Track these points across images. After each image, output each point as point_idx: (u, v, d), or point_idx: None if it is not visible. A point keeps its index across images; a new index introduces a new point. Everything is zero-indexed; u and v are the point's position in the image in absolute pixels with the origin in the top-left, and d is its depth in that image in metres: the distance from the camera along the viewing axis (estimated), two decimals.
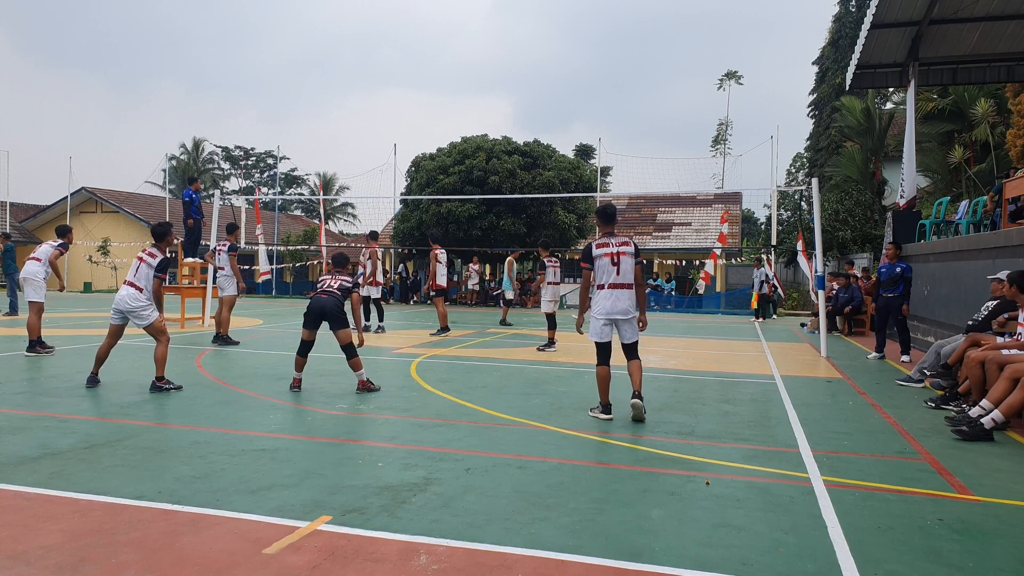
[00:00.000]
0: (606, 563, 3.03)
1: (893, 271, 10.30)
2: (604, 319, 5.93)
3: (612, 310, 5.89)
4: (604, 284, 5.94)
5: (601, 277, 5.97)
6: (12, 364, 8.57)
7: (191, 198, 14.61)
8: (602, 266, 5.96)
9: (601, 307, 5.94)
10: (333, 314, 6.94)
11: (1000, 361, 5.98)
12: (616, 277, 5.91)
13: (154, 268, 7.13)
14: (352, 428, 5.56)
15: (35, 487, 3.91)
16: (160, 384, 6.95)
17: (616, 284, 5.91)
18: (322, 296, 7.03)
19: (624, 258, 5.94)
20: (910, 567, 3.08)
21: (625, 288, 5.93)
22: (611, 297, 5.90)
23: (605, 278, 5.94)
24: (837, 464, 4.74)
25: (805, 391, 7.80)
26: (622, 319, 5.92)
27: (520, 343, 12.37)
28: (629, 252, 5.98)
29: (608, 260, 5.94)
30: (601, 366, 5.98)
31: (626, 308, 5.91)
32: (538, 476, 4.31)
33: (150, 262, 7.16)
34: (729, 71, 56.36)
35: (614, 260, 5.93)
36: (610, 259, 5.94)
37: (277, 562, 2.98)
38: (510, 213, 24.93)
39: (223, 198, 31.82)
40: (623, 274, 5.92)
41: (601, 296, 5.96)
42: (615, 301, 5.89)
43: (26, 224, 36.54)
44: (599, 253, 5.99)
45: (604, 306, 5.91)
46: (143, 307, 7.05)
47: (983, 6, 13.64)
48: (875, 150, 27.49)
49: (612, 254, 5.95)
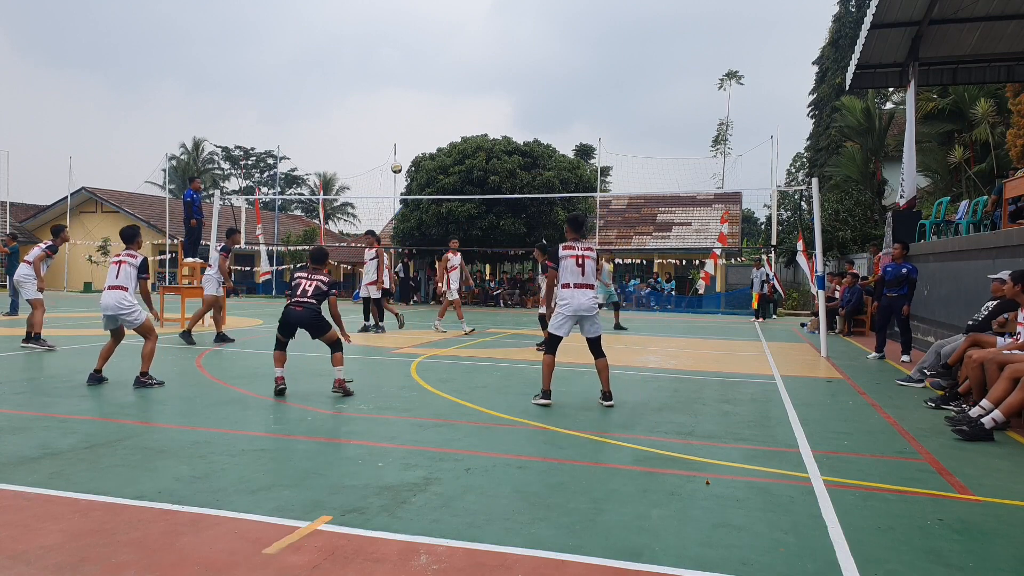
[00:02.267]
0: (606, 563, 3.03)
1: (899, 271, 10.29)
2: (571, 314, 6.47)
3: (579, 307, 6.44)
4: (570, 283, 6.52)
5: (566, 277, 6.53)
6: (12, 364, 8.58)
7: (192, 198, 14.61)
8: (567, 267, 6.54)
9: (568, 304, 6.47)
10: (311, 325, 6.73)
11: (1000, 361, 5.97)
12: (581, 277, 6.51)
13: (137, 268, 7.29)
14: (352, 428, 5.56)
15: (35, 487, 3.91)
16: (143, 380, 7.09)
17: (580, 284, 6.50)
18: (296, 309, 6.69)
19: (588, 261, 6.55)
20: (910, 567, 3.08)
21: (588, 288, 6.52)
22: (579, 295, 6.48)
23: (571, 278, 6.51)
24: (837, 464, 4.74)
25: (805, 391, 7.80)
26: (587, 315, 6.47)
27: (520, 343, 12.36)
28: (592, 256, 6.64)
29: (573, 261, 6.53)
30: (548, 355, 6.62)
31: (591, 305, 6.51)
32: (538, 476, 4.31)
33: (132, 263, 7.29)
34: (729, 71, 56.34)
35: (579, 262, 6.52)
36: (575, 260, 6.53)
37: (277, 562, 2.98)
38: (510, 213, 24.94)
39: (223, 198, 31.83)
40: (587, 275, 6.52)
41: (567, 294, 6.51)
42: (581, 298, 6.47)
43: (26, 224, 36.53)
44: (565, 254, 6.58)
45: (571, 303, 6.46)
46: (131, 307, 7.18)
47: (983, 6, 13.64)
48: (875, 150, 27.50)
49: (577, 256, 6.55)
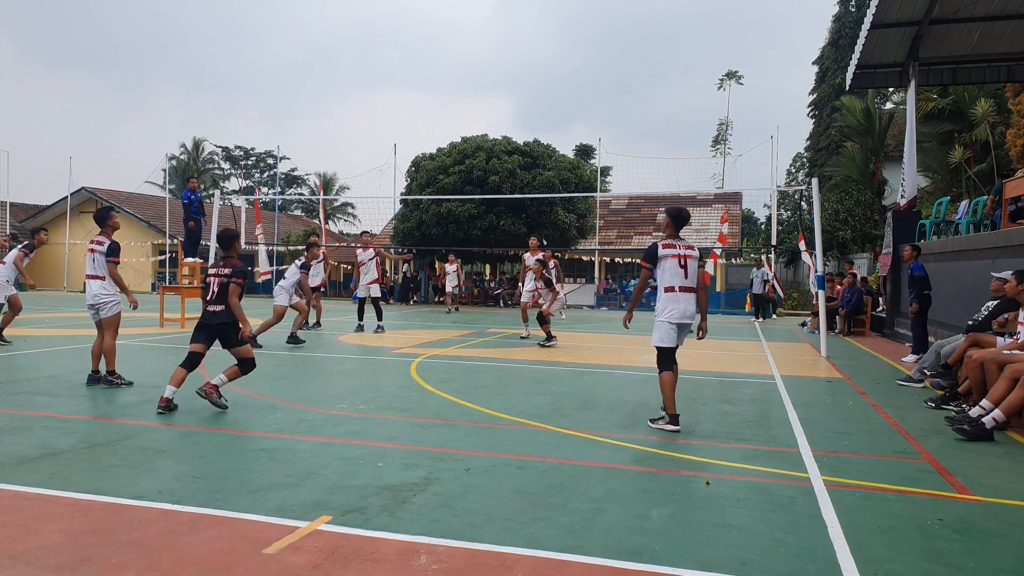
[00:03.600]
0: (606, 563, 3.03)
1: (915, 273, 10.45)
2: (677, 322, 5.68)
3: (684, 314, 5.66)
4: (674, 287, 5.69)
5: (669, 279, 5.72)
6: (12, 364, 8.58)
7: (190, 199, 14.62)
8: (669, 268, 5.71)
9: (672, 311, 5.66)
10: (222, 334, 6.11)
11: (1000, 361, 5.97)
12: (685, 280, 5.71)
13: (105, 254, 7.13)
14: (352, 428, 5.56)
15: (35, 487, 3.91)
16: (111, 379, 7.10)
17: (684, 287, 5.71)
18: (209, 315, 6.10)
19: (690, 261, 5.74)
20: (910, 567, 3.08)
21: (692, 292, 5.74)
22: (681, 300, 5.68)
23: (675, 280, 5.71)
24: (837, 464, 4.74)
25: (805, 391, 7.80)
26: (689, 323, 5.72)
27: (520, 343, 12.36)
28: (695, 256, 5.80)
29: (676, 262, 5.71)
30: (666, 372, 5.70)
31: (693, 312, 5.73)
32: (538, 476, 4.31)
33: (100, 250, 7.15)
34: (729, 71, 56.37)
35: (682, 262, 5.71)
36: (678, 261, 5.71)
37: (277, 562, 2.98)
38: (510, 213, 24.92)
39: (223, 198, 31.82)
40: (691, 277, 5.73)
41: (669, 299, 5.70)
42: (686, 305, 5.68)
43: (26, 224, 36.54)
44: (666, 254, 5.73)
45: (676, 309, 5.66)
46: (109, 296, 7.11)
47: (983, 6, 13.64)
48: (875, 150, 27.49)
49: (680, 256, 5.72)
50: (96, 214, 7.38)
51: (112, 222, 7.31)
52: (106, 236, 7.23)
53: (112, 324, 7.16)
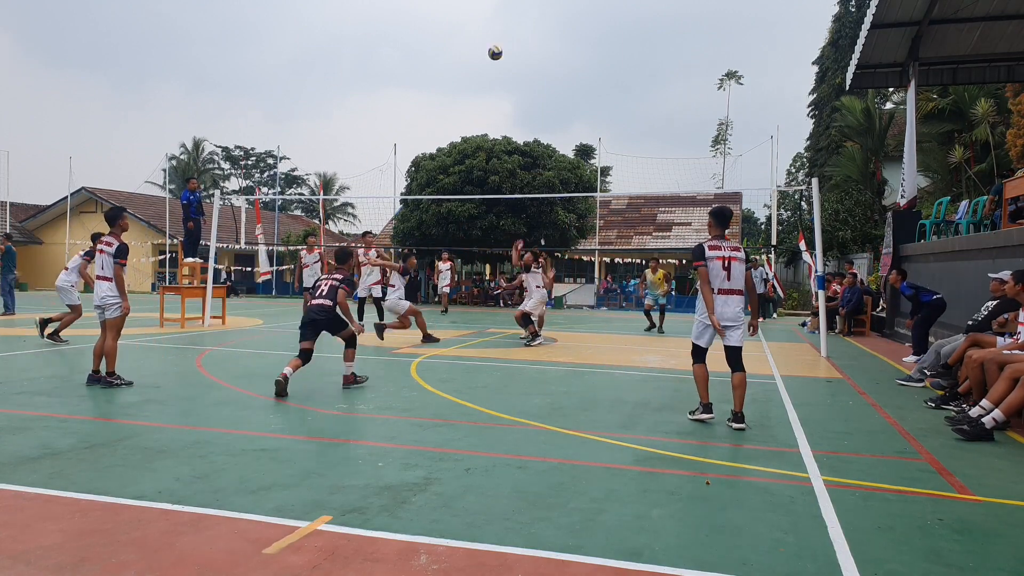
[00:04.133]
0: (606, 563, 3.03)
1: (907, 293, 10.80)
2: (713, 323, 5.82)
3: (722, 315, 5.78)
4: (714, 289, 5.82)
5: (711, 281, 5.83)
6: (12, 364, 8.57)
7: (189, 200, 14.61)
8: (713, 269, 5.83)
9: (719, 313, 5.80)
10: (328, 326, 7.18)
11: (1000, 361, 5.97)
12: (728, 282, 5.82)
13: (113, 256, 7.17)
14: (352, 428, 5.55)
15: (35, 487, 3.91)
16: (110, 380, 7.08)
17: (726, 290, 5.82)
18: (313, 310, 7.17)
19: (735, 263, 5.84)
20: (910, 567, 3.08)
21: (736, 294, 5.84)
22: (721, 302, 5.80)
23: (716, 283, 5.82)
24: (837, 464, 4.74)
25: (805, 391, 7.80)
26: (731, 325, 5.81)
27: (520, 343, 12.35)
28: (740, 258, 5.90)
29: (719, 264, 5.83)
30: (698, 364, 5.97)
31: (736, 314, 5.83)
32: (538, 476, 4.31)
33: (108, 251, 7.20)
34: (729, 71, 56.28)
35: (725, 264, 5.82)
36: (721, 263, 5.83)
37: (277, 562, 2.98)
38: (510, 213, 24.92)
39: (223, 198, 31.81)
40: (734, 279, 5.84)
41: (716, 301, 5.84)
42: (723, 306, 5.80)
43: (26, 224, 36.55)
44: (711, 255, 5.86)
45: (716, 312, 5.78)
46: (113, 298, 7.15)
47: (983, 6, 13.64)
48: (875, 150, 27.50)
49: (724, 258, 5.84)
50: (107, 213, 7.49)
51: (122, 222, 7.41)
52: (115, 237, 7.29)
53: (115, 325, 7.17)
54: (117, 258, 7.14)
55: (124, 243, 7.28)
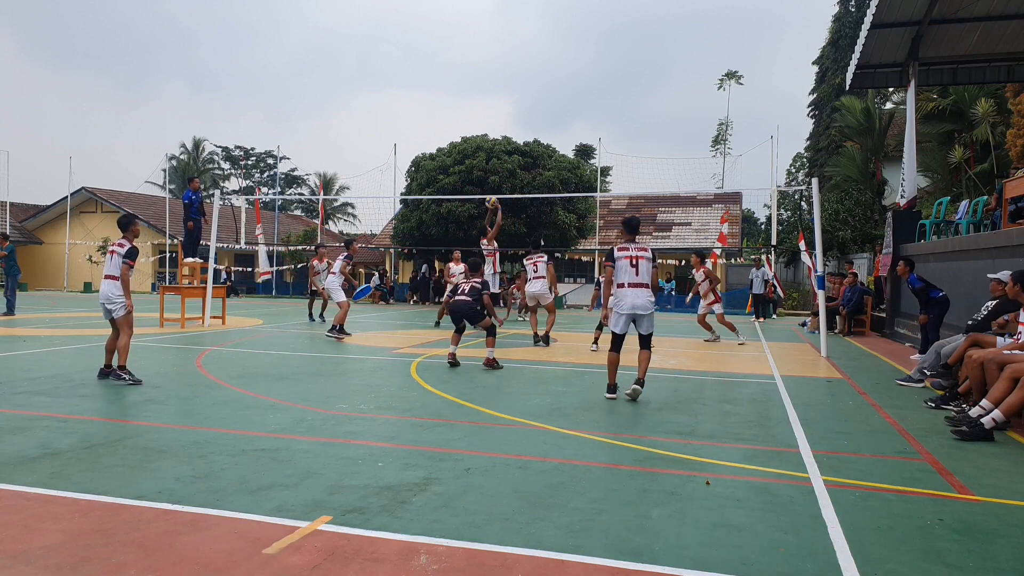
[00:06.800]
0: (606, 563, 3.03)
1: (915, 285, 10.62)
2: (627, 312, 6.83)
3: (635, 305, 6.79)
4: (624, 283, 6.85)
5: (621, 277, 6.85)
6: (12, 364, 8.57)
7: (190, 200, 14.61)
8: (621, 267, 6.86)
9: (624, 303, 6.82)
10: (469, 315, 9.01)
11: (1000, 361, 5.97)
12: (635, 278, 6.84)
13: (123, 256, 7.41)
14: (352, 428, 5.56)
15: (35, 487, 3.91)
16: (121, 374, 7.20)
17: (635, 283, 6.84)
18: (458, 302, 9.03)
19: (642, 262, 6.85)
20: (910, 567, 3.08)
21: (643, 287, 6.86)
22: (631, 295, 6.81)
23: (625, 278, 6.84)
24: (837, 464, 4.74)
25: (805, 391, 7.80)
26: (642, 313, 6.84)
27: (520, 343, 12.36)
28: (647, 257, 6.92)
29: (627, 262, 6.85)
30: (612, 352, 6.98)
31: (645, 304, 6.83)
32: (538, 476, 4.31)
33: (119, 252, 7.46)
34: (729, 71, 56.26)
35: (633, 262, 6.83)
36: (629, 261, 6.85)
37: (277, 562, 2.98)
38: (510, 213, 24.92)
39: (223, 198, 31.81)
40: (641, 275, 6.85)
41: (622, 294, 6.85)
42: (635, 298, 6.80)
43: (26, 224, 36.55)
44: (619, 255, 6.90)
45: (627, 302, 6.81)
46: (118, 297, 7.35)
47: (983, 6, 13.64)
48: (875, 150, 27.48)
49: (631, 257, 6.85)
50: (120, 220, 7.76)
51: (134, 228, 7.70)
52: (127, 241, 7.55)
53: (126, 322, 7.39)
54: (127, 259, 7.41)
55: (136, 247, 7.57)
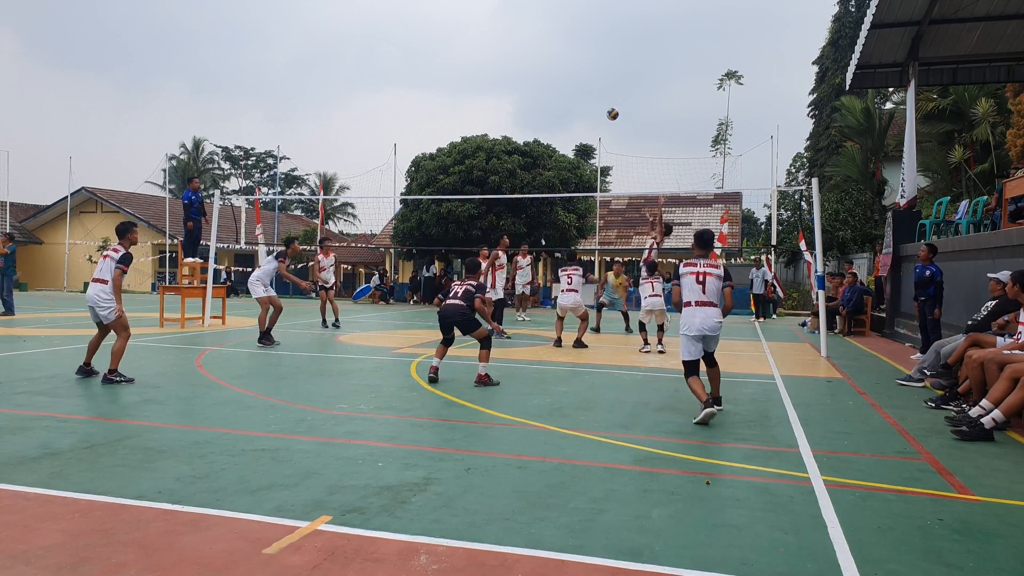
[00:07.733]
0: (606, 563, 3.03)
1: (924, 273, 10.46)
2: (695, 335, 6.15)
3: (702, 327, 6.12)
4: (691, 302, 6.20)
5: (687, 295, 6.24)
6: (12, 364, 8.57)
7: (190, 200, 14.61)
8: (687, 284, 6.25)
9: (691, 324, 6.15)
10: (461, 323, 7.70)
11: (1000, 361, 5.97)
12: (702, 296, 6.18)
13: (116, 261, 7.38)
14: (352, 428, 5.56)
15: (35, 487, 3.91)
16: (111, 376, 7.19)
17: (702, 302, 6.18)
18: (448, 306, 7.77)
19: (710, 279, 6.19)
20: (910, 567, 3.08)
21: (711, 306, 6.16)
22: (699, 315, 6.15)
23: (691, 296, 6.21)
24: (837, 464, 4.74)
25: (805, 391, 7.80)
26: (711, 335, 6.18)
27: (520, 343, 12.36)
28: (716, 274, 6.24)
29: (693, 279, 6.22)
30: (692, 377, 6.14)
31: (714, 325, 6.14)
32: (538, 476, 4.31)
33: (113, 256, 7.43)
34: (729, 71, 56.19)
35: (699, 279, 6.20)
36: (695, 278, 6.22)
37: (277, 562, 2.98)
38: (510, 213, 24.92)
39: (223, 198, 31.81)
40: (708, 293, 6.18)
41: (688, 313, 6.20)
42: (704, 318, 6.13)
43: (26, 224, 36.54)
44: (685, 272, 6.31)
45: (694, 323, 6.13)
46: (108, 301, 7.33)
47: (983, 6, 13.64)
48: (875, 150, 27.47)
49: (698, 273, 6.23)
50: (118, 227, 7.71)
51: (131, 236, 7.63)
52: (123, 247, 7.52)
53: (120, 326, 7.38)
54: (120, 264, 7.36)
55: (130, 253, 7.53)
